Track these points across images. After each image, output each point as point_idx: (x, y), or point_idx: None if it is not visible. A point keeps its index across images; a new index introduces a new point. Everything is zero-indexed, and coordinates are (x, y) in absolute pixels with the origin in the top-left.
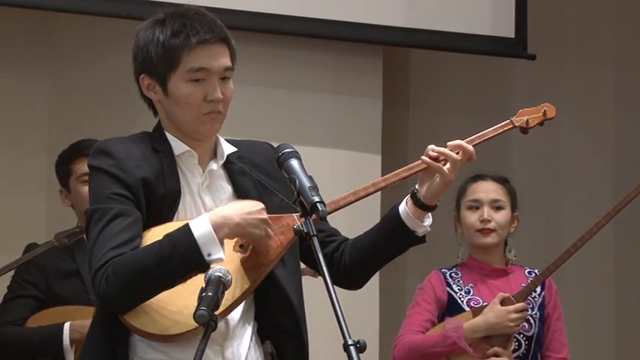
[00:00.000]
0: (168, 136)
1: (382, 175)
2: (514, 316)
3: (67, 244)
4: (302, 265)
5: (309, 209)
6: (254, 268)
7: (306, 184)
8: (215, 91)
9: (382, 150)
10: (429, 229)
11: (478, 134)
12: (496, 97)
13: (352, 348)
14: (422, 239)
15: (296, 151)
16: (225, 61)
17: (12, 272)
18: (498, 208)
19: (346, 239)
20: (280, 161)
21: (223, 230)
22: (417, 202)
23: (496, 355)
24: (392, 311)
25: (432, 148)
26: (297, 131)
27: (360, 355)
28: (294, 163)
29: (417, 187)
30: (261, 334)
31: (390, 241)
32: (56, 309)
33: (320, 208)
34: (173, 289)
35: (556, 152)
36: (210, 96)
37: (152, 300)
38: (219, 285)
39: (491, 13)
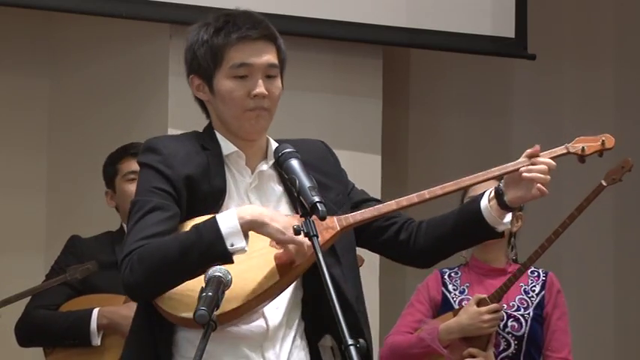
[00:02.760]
0: (218, 135)
1: (382, 176)
2: (487, 317)
3: (79, 279)
4: None
5: (309, 209)
6: (287, 264)
7: (306, 184)
8: (257, 86)
9: (382, 150)
10: (509, 226)
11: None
12: (496, 97)
13: (352, 348)
14: (500, 234)
15: (296, 151)
16: (269, 57)
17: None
18: None
19: (410, 219)
20: (280, 161)
21: (245, 218)
22: (501, 203)
23: (471, 356)
24: (392, 311)
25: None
26: (297, 131)
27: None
28: (294, 163)
29: (502, 187)
30: (318, 330)
31: (469, 234)
32: (89, 297)
33: (320, 208)
34: (200, 277)
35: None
36: (253, 91)
37: (183, 287)
38: (219, 285)
39: (491, 13)
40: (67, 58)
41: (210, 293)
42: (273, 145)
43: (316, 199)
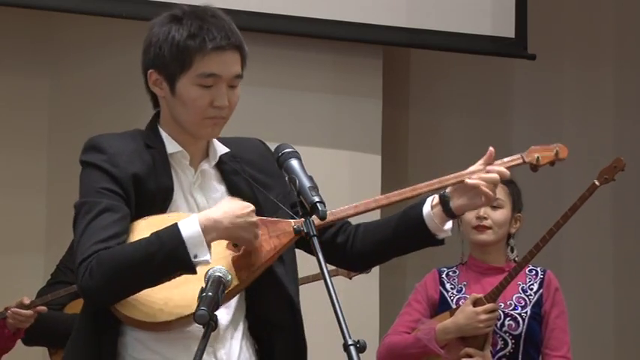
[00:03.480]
0: (163, 134)
1: (382, 176)
2: (483, 317)
3: None
4: (332, 267)
5: (309, 209)
6: (245, 268)
7: (306, 184)
8: (222, 98)
9: (382, 150)
10: (450, 234)
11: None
12: (496, 97)
13: (352, 348)
14: (441, 241)
15: (296, 151)
16: (237, 68)
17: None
18: (496, 207)
19: (348, 223)
20: (280, 161)
21: (211, 234)
22: (446, 209)
23: (468, 355)
24: (392, 311)
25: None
26: (297, 131)
27: (360, 355)
28: (294, 163)
29: (448, 193)
30: (255, 332)
31: (409, 240)
32: None
33: (320, 208)
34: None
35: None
36: (216, 102)
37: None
38: (219, 285)
39: (491, 13)
40: (67, 58)
41: (210, 293)
42: (216, 144)
43: (316, 199)
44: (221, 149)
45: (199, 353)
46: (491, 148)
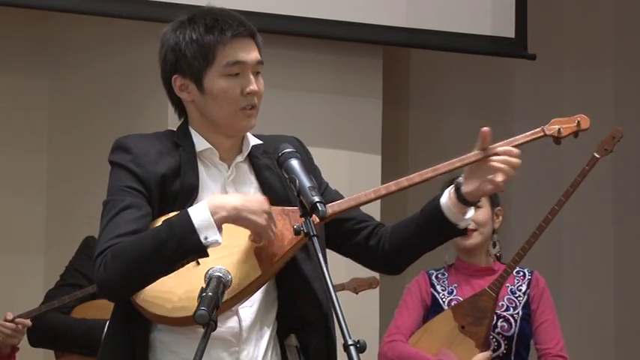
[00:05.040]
0: (192, 132)
1: (382, 176)
2: None
3: None
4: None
5: (309, 209)
6: (267, 259)
7: (306, 184)
8: (251, 83)
9: (382, 150)
10: (471, 222)
11: (506, 141)
12: (496, 97)
13: (352, 348)
14: (463, 231)
15: (296, 151)
16: (257, 55)
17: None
18: (476, 207)
19: (380, 224)
20: (280, 161)
21: (220, 213)
22: (460, 197)
23: None
24: (392, 311)
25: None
26: (296, 131)
27: (360, 355)
28: (294, 162)
29: (460, 181)
30: (285, 329)
31: (432, 233)
32: (103, 301)
33: (320, 208)
34: (181, 275)
35: (556, 152)
36: (247, 89)
37: (159, 284)
38: (219, 285)
39: (491, 13)
40: (67, 58)
41: (210, 293)
42: (250, 138)
43: (316, 199)
44: (254, 141)
45: (199, 353)
46: (485, 128)
